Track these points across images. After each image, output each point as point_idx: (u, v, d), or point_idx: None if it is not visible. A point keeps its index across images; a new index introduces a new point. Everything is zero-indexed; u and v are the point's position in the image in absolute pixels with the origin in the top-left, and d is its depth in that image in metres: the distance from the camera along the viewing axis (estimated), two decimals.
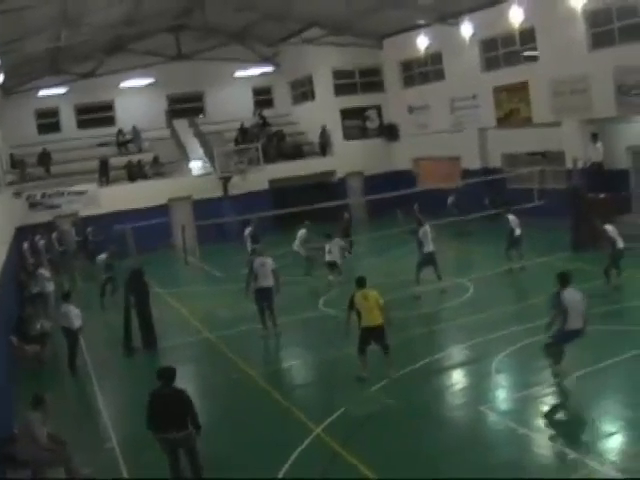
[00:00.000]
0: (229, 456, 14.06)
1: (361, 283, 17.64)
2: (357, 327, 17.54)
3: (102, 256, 27.81)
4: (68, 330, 21.27)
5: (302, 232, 29.11)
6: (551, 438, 13.48)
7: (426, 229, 25.39)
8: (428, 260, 25.42)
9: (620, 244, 22.25)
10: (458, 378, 17.81)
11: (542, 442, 13.37)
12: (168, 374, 12.58)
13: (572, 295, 15.83)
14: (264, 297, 21.91)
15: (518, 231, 26.74)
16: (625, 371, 16.17)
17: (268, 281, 21.80)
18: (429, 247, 25.35)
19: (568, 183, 31.06)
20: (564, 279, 16.00)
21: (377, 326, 17.27)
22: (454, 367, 18.50)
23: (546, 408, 14.85)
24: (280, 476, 12.92)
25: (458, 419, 15.22)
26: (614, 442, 13.05)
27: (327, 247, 27.33)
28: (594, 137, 31.57)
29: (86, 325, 22.33)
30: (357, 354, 17.48)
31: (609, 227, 22.61)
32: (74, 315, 21.30)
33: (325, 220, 32.26)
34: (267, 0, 38.57)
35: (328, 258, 27.30)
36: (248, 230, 31.61)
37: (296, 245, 29.23)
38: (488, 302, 23.42)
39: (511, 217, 26.87)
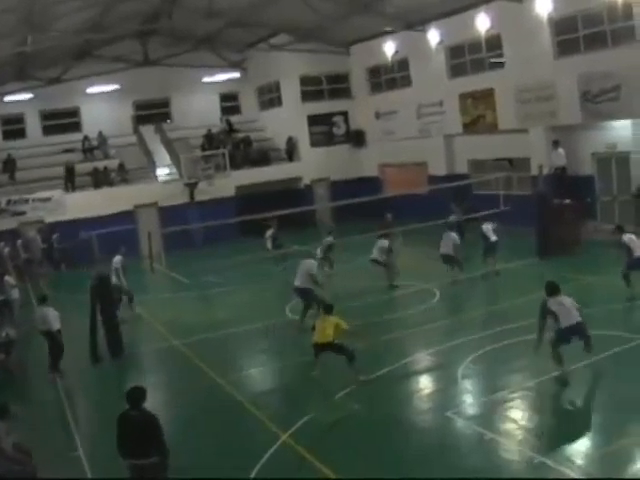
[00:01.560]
0: (196, 464, 13.94)
1: (327, 309, 18.14)
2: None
3: (117, 258, 27.26)
4: (47, 333, 20.98)
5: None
6: (518, 442, 13.49)
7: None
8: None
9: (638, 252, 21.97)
10: (425, 384, 17.82)
11: (509, 446, 13.39)
12: (136, 396, 11.75)
13: (558, 300, 16.25)
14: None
15: (494, 237, 26.84)
16: (592, 375, 16.28)
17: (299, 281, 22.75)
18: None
19: (534, 189, 31.25)
20: (552, 288, 16.51)
21: (320, 342, 17.66)
22: (420, 373, 18.51)
23: (513, 413, 14.90)
24: None
25: (425, 425, 15.25)
26: (581, 445, 13.10)
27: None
28: (555, 144, 31.79)
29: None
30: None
31: (626, 237, 22.29)
32: (52, 317, 21.00)
33: (291, 226, 32.29)
34: (235, 6, 38.49)
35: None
36: (270, 232, 31.79)
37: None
38: (454, 308, 23.55)
39: (485, 226, 27.00)
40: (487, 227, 27.01)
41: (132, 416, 11.59)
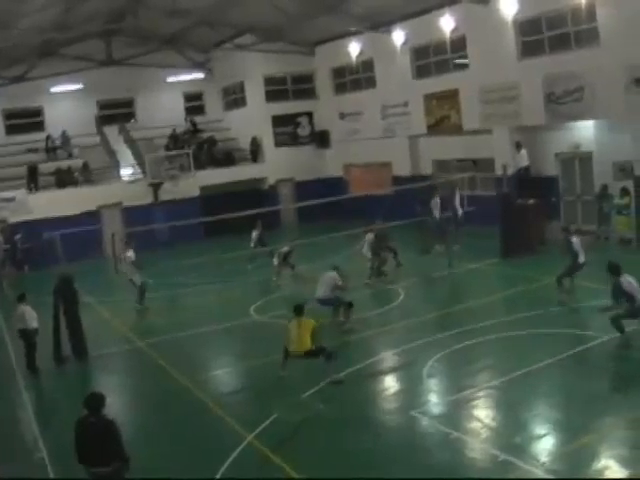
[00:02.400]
0: (160, 465, 13.86)
1: (298, 311, 17.85)
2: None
3: (130, 253, 27.06)
4: (24, 331, 20.97)
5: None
6: (482, 441, 13.55)
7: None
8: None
9: (582, 258, 22.10)
10: (390, 383, 17.85)
11: (473, 445, 13.45)
12: (94, 402, 11.43)
13: (627, 279, 17.23)
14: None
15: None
16: (555, 373, 16.39)
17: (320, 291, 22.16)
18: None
19: (498, 190, 31.42)
20: (617, 268, 17.45)
21: (296, 352, 17.55)
22: (386, 372, 18.53)
23: (478, 411, 14.97)
24: None
25: (390, 424, 15.26)
26: (544, 444, 13.18)
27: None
28: (518, 146, 32.00)
29: (14, 335, 22.10)
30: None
31: (575, 239, 22.40)
32: (30, 316, 21.01)
33: (255, 227, 32.25)
34: (200, 6, 38.38)
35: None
36: (255, 233, 31.80)
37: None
38: (419, 308, 23.59)
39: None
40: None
41: (90, 422, 11.31)
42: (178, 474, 13.37)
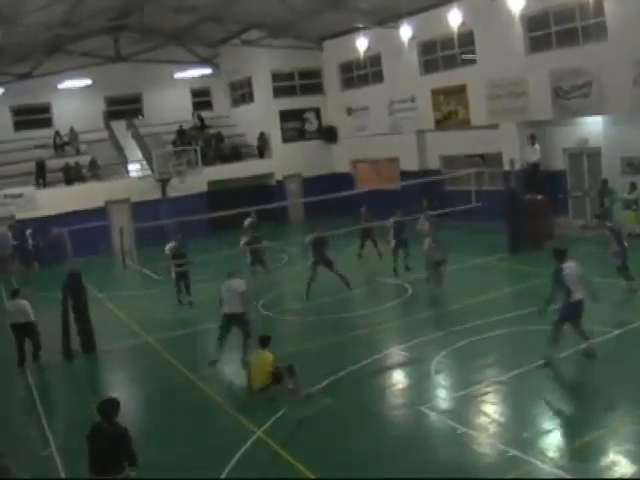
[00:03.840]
0: (169, 461, 13.89)
1: (263, 343, 17.21)
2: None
3: (171, 244, 27.01)
4: (26, 325, 21.11)
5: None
6: (490, 436, 13.56)
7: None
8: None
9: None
10: (398, 378, 17.89)
11: (481, 440, 13.46)
12: (108, 409, 11.09)
13: (570, 268, 16.62)
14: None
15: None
16: (562, 369, 16.39)
17: (233, 307, 19.51)
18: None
19: (505, 185, 31.40)
20: (561, 254, 16.88)
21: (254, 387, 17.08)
22: (394, 368, 18.56)
23: (485, 407, 14.98)
24: None
25: (398, 419, 15.28)
26: (552, 439, 13.18)
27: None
28: (532, 138, 31.93)
29: None
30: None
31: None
32: (29, 309, 21.19)
33: (263, 222, 32.29)
34: (207, 2, 38.38)
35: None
36: (248, 221, 31.63)
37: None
38: (426, 303, 23.60)
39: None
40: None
41: (103, 429, 11.01)
42: (186, 470, 13.42)
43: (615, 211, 29.15)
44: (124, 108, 48.32)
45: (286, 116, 47.11)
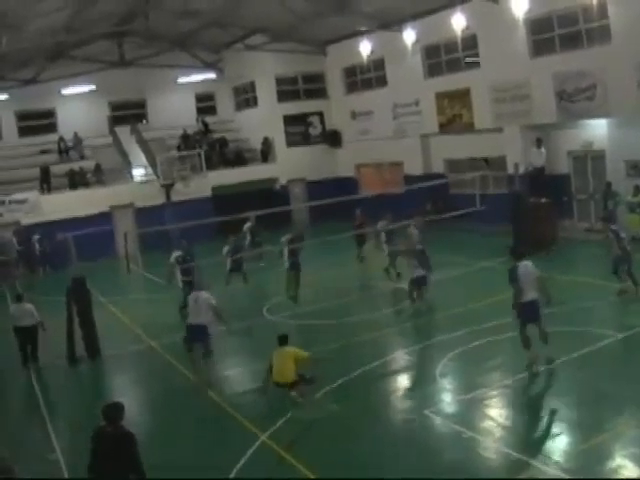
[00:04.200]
0: (174, 465, 13.90)
1: (282, 341, 17.13)
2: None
3: (176, 253, 26.81)
4: (31, 328, 21.47)
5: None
6: (496, 440, 13.54)
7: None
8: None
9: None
10: (402, 382, 17.88)
11: (487, 444, 13.43)
12: (113, 413, 10.95)
13: (525, 268, 16.71)
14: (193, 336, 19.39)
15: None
16: (568, 372, 16.36)
17: (200, 318, 19.10)
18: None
19: (509, 188, 31.37)
20: (518, 253, 17.14)
21: (282, 383, 16.76)
22: (398, 371, 18.55)
23: (490, 410, 14.95)
24: None
25: (403, 423, 15.26)
26: (558, 443, 13.15)
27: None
28: (538, 142, 31.87)
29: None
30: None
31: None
32: (35, 312, 21.63)
33: (267, 226, 32.33)
34: (210, 7, 38.42)
35: None
36: (247, 225, 31.95)
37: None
38: (431, 307, 23.54)
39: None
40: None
41: (108, 432, 10.86)
42: (192, 473, 13.42)
43: (619, 214, 29.13)
44: (128, 113, 48.39)
45: (290, 120, 47.21)
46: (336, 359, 17.81)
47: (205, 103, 51.15)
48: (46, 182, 41.38)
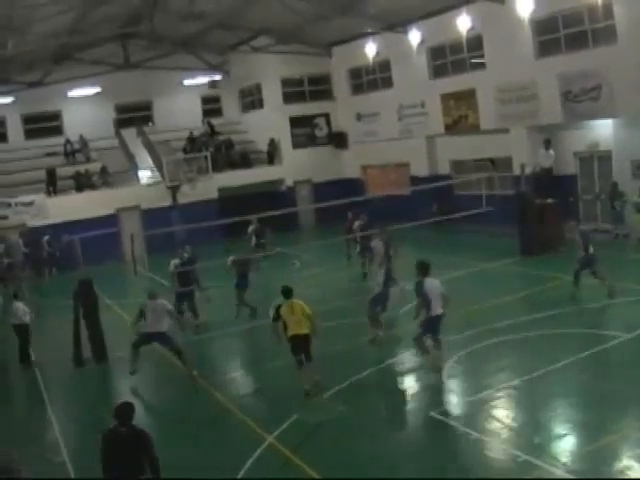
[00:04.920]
0: (181, 467, 13.90)
1: (287, 293, 17.37)
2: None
3: (176, 261, 26.55)
4: (20, 326, 22.04)
5: None
6: (503, 441, 13.52)
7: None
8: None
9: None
10: (409, 384, 17.83)
11: (493, 445, 13.42)
12: (125, 412, 10.90)
13: (432, 283, 17.02)
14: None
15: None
16: (575, 373, 16.32)
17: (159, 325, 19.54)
18: None
19: (516, 189, 31.34)
20: (423, 268, 17.24)
21: (304, 334, 17.03)
22: (405, 373, 18.51)
23: (497, 412, 14.93)
24: None
25: (410, 424, 15.28)
26: (565, 444, 13.14)
27: None
28: (547, 143, 31.74)
29: (36, 338, 22.56)
30: (296, 366, 17.31)
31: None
32: (23, 312, 22.21)
33: (273, 228, 32.38)
34: (216, 9, 38.45)
35: None
36: (251, 228, 32.04)
37: None
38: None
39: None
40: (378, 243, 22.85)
41: (121, 432, 10.78)
42: (199, 475, 13.43)
43: (627, 214, 29.11)
44: (134, 115, 48.55)
45: (296, 122, 47.24)
46: (343, 360, 17.79)
47: (211, 105, 51.19)
48: (52, 184, 41.44)
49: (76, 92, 45.26)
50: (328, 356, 18.43)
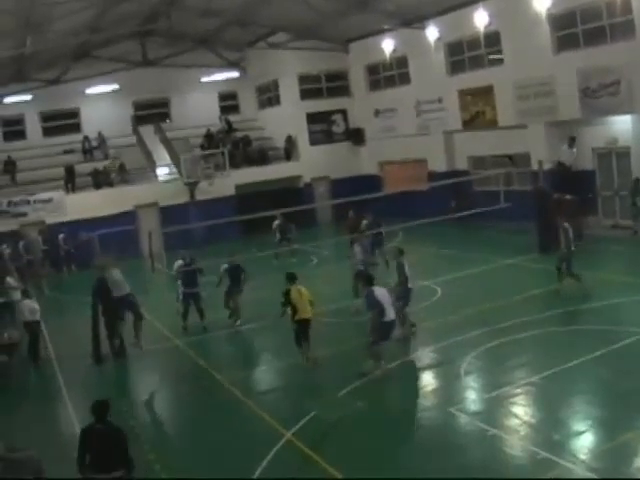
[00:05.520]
0: (200, 464, 13.95)
1: (293, 279, 19.00)
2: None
3: (179, 262, 26.55)
4: (29, 323, 22.24)
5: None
6: (521, 438, 13.48)
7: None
8: None
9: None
10: (428, 380, 17.82)
11: (512, 442, 13.38)
12: (101, 410, 11.41)
13: (380, 291, 17.60)
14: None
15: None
16: (593, 370, 16.27)
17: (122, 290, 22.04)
18: None
19: (534, 185, 31.25)
20: (368, 279, 18.20)
21: (309, 318, 18.68)
22: (423, 369, 18.49)
23: (516, 408, 14.90)
24: None
25: (428, 421, 15.25)
26: (584, 441, 13.11)
27: None
28: (572, 141, 31.59)
29: (54, 335, 22.67)
30: (296, 346, 18.85)
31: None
32: (30, 310, 22.42)
33: (292, 224, 32.44)
34: (233, 6, 38.50)
35: None
36: (276, 223, 32.70)
37: None
38: (456, 304, 23.45)
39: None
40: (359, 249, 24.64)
41: (97, 429, 11.24)
42: (217, 472, 13.45)
43: None
44: (152, 112, 48.63)
45: (313, 118, 47.24)
46: (362, 357, 17.79)
47: (228, 102, 51.23)
48: (70, 182, 41.62)
49: (94, 89, 45.34)
50: (347, 352, 18.44)
